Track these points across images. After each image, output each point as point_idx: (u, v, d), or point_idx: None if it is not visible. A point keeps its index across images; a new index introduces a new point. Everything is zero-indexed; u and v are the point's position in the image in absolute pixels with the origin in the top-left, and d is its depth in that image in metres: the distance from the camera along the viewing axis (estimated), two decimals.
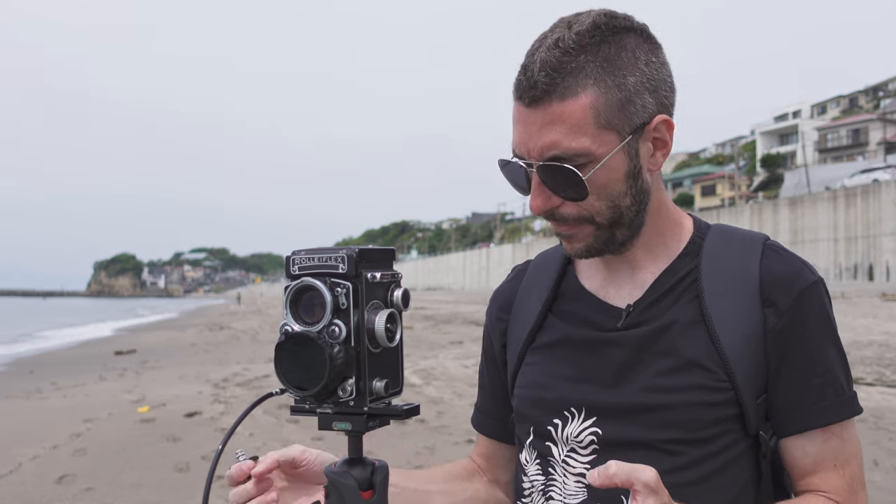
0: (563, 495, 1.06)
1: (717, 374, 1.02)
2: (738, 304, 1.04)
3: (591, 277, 1.15)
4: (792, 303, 1.03)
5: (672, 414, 1.02)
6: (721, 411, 1.01)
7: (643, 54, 1.00)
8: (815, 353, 1.04)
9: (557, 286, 1.18)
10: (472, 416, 1.33)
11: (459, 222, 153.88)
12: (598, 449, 1.05)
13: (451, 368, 11.40)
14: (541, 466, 1.11)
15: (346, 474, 0.88)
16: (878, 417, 6.94)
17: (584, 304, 1.13)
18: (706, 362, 1.02)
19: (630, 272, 1.11)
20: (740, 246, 1.09)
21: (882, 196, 35.49)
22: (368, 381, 0.87)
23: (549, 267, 1.22)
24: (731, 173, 65.34)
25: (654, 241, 1.10)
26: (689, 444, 1.02)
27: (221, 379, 10.91)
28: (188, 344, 19.82)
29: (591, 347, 1.09)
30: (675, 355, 1.03)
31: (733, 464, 1.03)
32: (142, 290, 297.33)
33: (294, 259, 0.88)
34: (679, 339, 1.04)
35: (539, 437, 1.11)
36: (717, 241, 1.11)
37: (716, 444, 1.02)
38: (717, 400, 1.01)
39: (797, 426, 1.03)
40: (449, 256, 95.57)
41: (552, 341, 1.14)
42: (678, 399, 1.02)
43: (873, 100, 76.51)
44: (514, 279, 1.28)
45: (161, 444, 6.59)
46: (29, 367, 15.02)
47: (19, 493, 5.21)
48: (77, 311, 66.85)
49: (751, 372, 1.02)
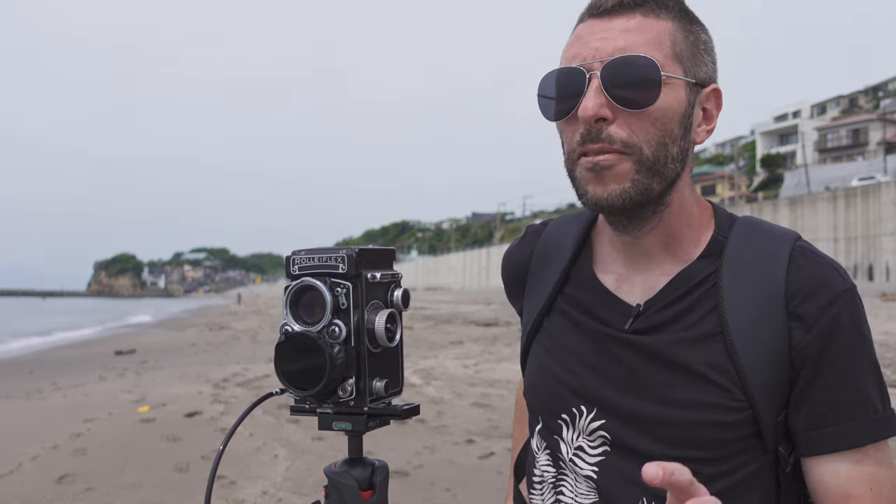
0: (575, 493, 1.04)
1: (733, 393, 0.95)
2: (760, 315, 0.96)
3: (606, 268, 1.09)
4: (820, 315, 0.95)
5: (684, 431, 0.96)
6: (737, 431, 0.95)
7: (709, 33, 1.04)
8: (846, 370, 0.95)
9: (570, 267, 1.12)
10: None
11: (459, 222, 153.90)
12: (608, 450, 1.01)
13: (451, 368, 11.39)
14: (551, 458, 1.08)
15: (346, 474, 0.88)
16: None
17: (596, 295, 1.07)
18: (722, 380, 0.95)
19: (646, 265, 1.04)
20: (767, 247, 1.00)
21: (882, 196, 35.47)
22: (368, 381, 0.87)
23: (565, 243, 1.15)
24: (731, 173, 65.36)
25: (676, 228, 1.03)
26: (702, 463, 0.95)
27: (221, 379, 10.91)
28: (188, 344, 19.81)
29: (603, 344, 1.04)
30: (690, 369, 0.97)
31: (750, 481, 0.97)
32: (142, 290, 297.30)
33: (294, 259, 0.88)
34: (695, 352, 0.97)
35: (548, 429, 1.08)
36: (742, 241, 1.02)
37: (731, 462, 0.96)
38: (733, 420, 0.95)
39: (828, 446, 0.95)
40: (449, 256, 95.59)
41: (561, 329, 1.10)
42: (691, 416, 0.96)
43: (873, 100, 76.48)
44: (528, 242, 1.22)
45: (161, 444, 6.58)
46: (29, 367, 15.01)
47: (19, 493, 5.20)
48: (77, 312, 66.65)
49: (771, 389, 0.95)
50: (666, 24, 0.97)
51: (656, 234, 1.03)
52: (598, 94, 0.94)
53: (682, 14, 1.00)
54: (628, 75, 0.93)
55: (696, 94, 0.99)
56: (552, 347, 1.10)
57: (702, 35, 1.01)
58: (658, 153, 0.96)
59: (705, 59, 1.00)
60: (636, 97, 0.93)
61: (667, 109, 0.95)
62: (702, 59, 1.00)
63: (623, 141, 0.94)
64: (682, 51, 0.97)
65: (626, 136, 0.94)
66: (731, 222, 1.06)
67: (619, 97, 0.93)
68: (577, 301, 1.09)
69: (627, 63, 0.93)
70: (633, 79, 0.93)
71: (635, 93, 0.93)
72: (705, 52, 1.01)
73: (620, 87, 0.93)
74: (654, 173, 0.96)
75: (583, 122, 0.95)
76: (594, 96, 0.93)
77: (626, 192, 0.95)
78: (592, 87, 0.94)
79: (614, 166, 0.95)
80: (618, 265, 1.08)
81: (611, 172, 0.95)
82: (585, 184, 0.98)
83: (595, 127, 0.94)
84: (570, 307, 1.10)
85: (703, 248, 1.03)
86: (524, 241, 1.23)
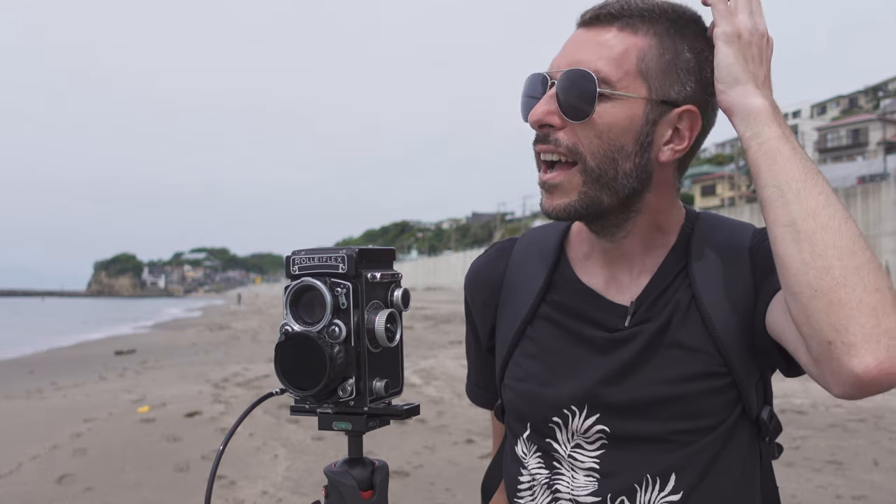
0: (571, 488, 1.05)
1: (717, 358, 1.02)
2: (729, 281, 1.04)
3: (591, 272, 1.12)
4: (761, 245, 1.03)
5: (683, 404, 1.02)
6: (725, 395, 1.02)
7: (708, 51, 1.01)
8: None
9: (551, 274, 1.14)
10: (466, 387, 1.34)
11: (459, 222, 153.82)
12: (607, 444, 1.04)
13: (451, 368, 11.39)
14: (542, 460, 1.09)
15: (346, 474, 0.88)
16: (879, 417, 6.94)
17: (584, 298, 1.10)
18: (707, 348, 1.02)
19: (628, 265, 1.09)
20: (730, 231, 1.09)
21: (882, 196, 35.50)
22: (368, 381, 0.87)
23: (542, 253, 1.17)
24: (730, 173, 65.38)
25: (651, 234, 1.08)
26: (701, 433, 1.02)
27: (221, 379, 10.91)
28: (188, 344, 19.82)
29: (595, 346, 1.07)
30: (679, 346, 1.03)
31: (738, 445, 1.04)
32: (142, 290, 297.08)
33: (294, 259, 0.88)
34: (680, 330, 1.04)
35: (538, 433, 1.10)
36: (707, 228, 1.10)
37: (723, 426, 1.02)
38: (721, 385, 1.02)
39: (771, 289, 0.99)
40: (449, 256, 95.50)
41: (547, 335, 1.11)
42: (688, 389, 1.01)
43: (873, 100, 76.51)
44: (498, 258, 1.22)
45: (161, 444, 6.59)
46: (29, 367, 15.01)
47: (19, 493, 5.21)
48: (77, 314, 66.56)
49: (747, 353, 1.02)
50: (639, 41, 0.99)
51: (632, 238, 1.07)
52: (549, 101, 1.00)
53: (671, 30, 1.00)
54: (573, 87, 0.98)
55: (663, 113, 1.00)
56: (538, 353, 1.11)
57: (687, 54, 1.00)
58: (604, 166, 0.99)
59: (682, 79, 1.00)
60: (577, 108, 0.98)
61: (613, 125, 0.98)
62: (677, 79, 0.99)
63: (568, 147, 0.99)
64: (649, 69, 0.98)
65: (572, 143, 0.99)
66: (696, 217, 1.13)
67: (566, 107, 0.99)
68: (564, 306, 1.11)
69: (572, 76, 0.98)
70: (576, 91, 0.98)
71: (577, 103, 0.98)
72: (686, 72, 1.00)
73: (567, 98, 0.98)
74: (602, 186, 1.00)
75: (531, 125, 1.01)
76: (545, 102, 1.00)
77: (570, 206, 1.01)
78: (547, 93, 1.00)
79: (561, 183, 1.01)
80: (600, 268, 1.11)
81: (558, 189, 1.01)
82: (541, 195, 1.05)
83: (541, 132, 1.01)
84: (556, 313, 1.11)
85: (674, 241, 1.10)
86: (494, 256, 1.23)
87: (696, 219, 1.12)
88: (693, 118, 1.01)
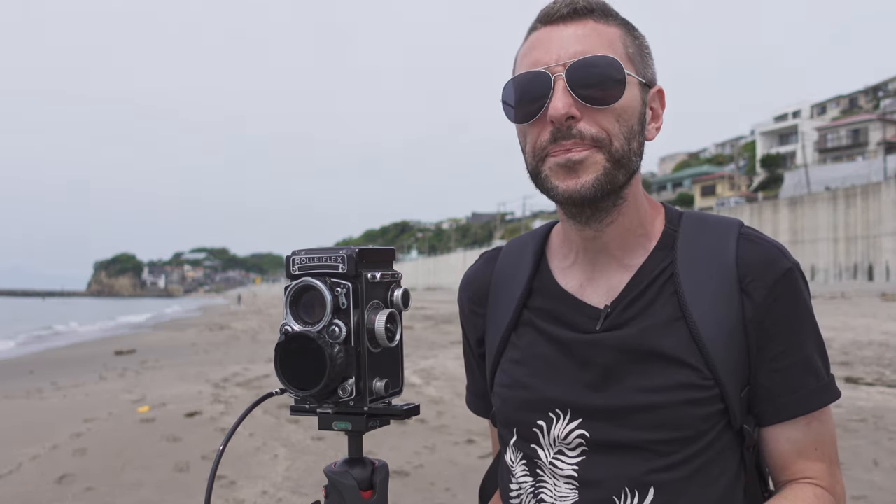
0: (554, 497, 1.05)
1: (701, 371, 1.01)
2: (716, 297, 1.03)
3: (569, 276, 1.13)
4: (767, 293, 1.03)
5: (662, 414, 1.01)
6: (708, 407, 1.01)
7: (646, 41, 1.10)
8: (793, 340, 1.04)
9: (531, 281, 1.16)
10: (466, 397, 1.35)
11: (459, 222, 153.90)
12: (587, 450, 1.04)
13: (451, 368, 11.39)
14: (527, 468, 1.10)
15: (346, 474, 0.88)
16: (879, 417, 6.93)
17: (561, 302, 1.11)
18: (691, 360, 1.02)
19: (606, 263, 1.09)
20: (715, 234, 1.09)
21: (882, 196, 35.48)
22: (368, 380, 0.87)
23: (523, 259, 1.19)
24: (730, 173, 65.42)
25: (632, 221, 1.09)
26: (680, 443, 1.01)
27: (221, 379, 10.91)
28: (188, 344, 19.81)
29: (572, 349, 1.07)
30: (660, 355, 1.02)
31: (720, 457, 1.04)
32: (142, 290, 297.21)
33: (294, 259, 0.88)
34: (662, 339, 1.03)
35: (523, 440, 1.10)
36: (692, 231, 1.10)
37: (704, 439, 1.02)
38: (704, 397, 1.01)
39: (781, 415, 1.04)
40: (449, 256, 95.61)
41: (530, 341, 1.12)
42: (667, 399, 1.01)
43: (873, 100, 76.48)
44: (486, 266, 1.25)
45: (161, 444, 6.58)
46: (29, 367, 15.00)
47: (19, 493, 5.20)
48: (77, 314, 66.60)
49: (733, 365, 1.02)
50: (615, 30, 1.05)
51: (615, 228, 1.08)
52: (565, 95, 0.99)
53: (625, 22, 1.08)
54: (592, 75, 0.99)
55: (647, 94, 1.07)
56: (522, 359, 1.13)
57: (643, 41, 1.08)
58: (624, 147, 1.02)
59: (649, 63, 1.08)
60: (601, 95, 1.00)
61: (627, 107, 1.02)
62: (647, 62, 1.08)
63: (593, 136, 1.00)
64: (633, 53, 1.05)
65: (596, 131, 1.00)
66: (679, 216, 1.13)
67: (585, 96, 0.99)
68: (543, 311, 1.13)
69: (591, 64, 0.99)
70: (598, 78, 0.99)
71: (600, 91, 1.00)
72: (648, 55, 1.08)
73: (585, 87, 0.99)
74: (620, 165, 1.02)
75: (555, 121, 1.00)
76: (562, 96, 0.99)
77: (598, 181, 1.01)
78: (559, 88, 1.00)
79: (587, 159, 1.00)
80: (578, 271, 1.12)
81: (583, 165, 1.01)
82: (555, 179, 1.03)
83: (566, 125, 1.00)
84: (537, 318, 1.13)
85: (657, 241, 1.10)
86: (482, 265, 1.27)
87: (679, 218, 1.13)
88: (661, 97, 1.11)
